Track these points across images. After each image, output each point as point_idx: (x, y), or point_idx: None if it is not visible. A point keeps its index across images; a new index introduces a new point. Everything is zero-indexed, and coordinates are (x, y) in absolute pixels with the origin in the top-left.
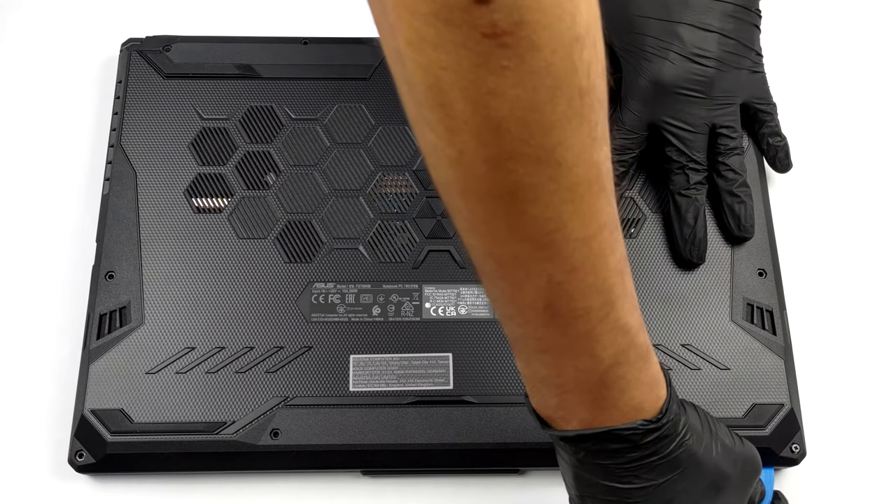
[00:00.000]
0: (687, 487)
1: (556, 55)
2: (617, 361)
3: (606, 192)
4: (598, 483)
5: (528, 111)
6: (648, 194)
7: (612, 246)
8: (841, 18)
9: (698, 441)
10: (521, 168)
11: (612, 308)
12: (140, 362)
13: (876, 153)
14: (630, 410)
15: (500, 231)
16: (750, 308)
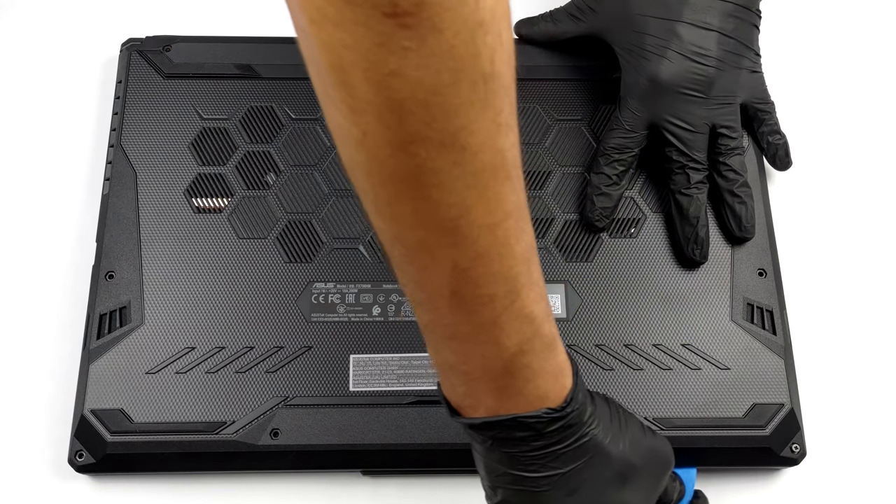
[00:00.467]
0: (592, 476)
1: (458, 38)
2: (522, 350)
3: (512, 180)
4: (506, 472)
5: (431, 94)
6: (648, 194)
7: (517, 235)
8: (839, 18)
9: (605, 431)
10: (425, 152)
11: (517, 296)
12: (140, 362)
13: (875, 153)
14: (535, 399)
15: (405, 215)
16: (750, 308)
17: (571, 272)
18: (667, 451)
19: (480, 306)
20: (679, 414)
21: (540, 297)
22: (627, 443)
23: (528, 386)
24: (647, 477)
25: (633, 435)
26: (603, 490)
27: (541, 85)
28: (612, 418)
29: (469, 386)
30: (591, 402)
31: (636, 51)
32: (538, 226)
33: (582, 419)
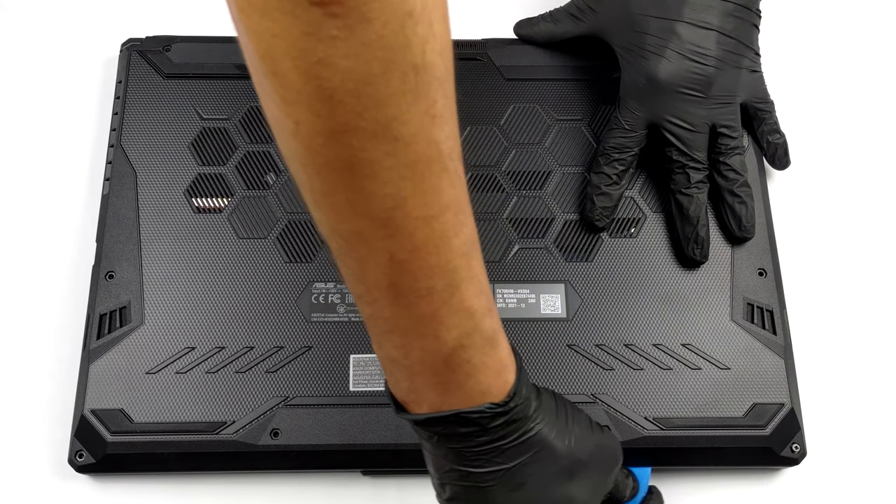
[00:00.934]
0: (538, 471)
1: (387, 28)
2: (462, 344)
3: (450, 173)
4: (452, 468)
5: (362, 84)
6: (648, 194)
7: (455, 228)
8: (840, 18)
9: (551, 427)
10: (357, 142)
11: (455, 290)
12: (140, 362)
13: (875, 153)
14: (477, 394)
15: (341, 206)
16: (750, 308)
17: (571, 272)
18: (614, 447)
19: (419, 299)
20: (679, 414)
21: (480, 292)
22: (574, 438)
23: (470, 381)
24: (594, 472)
25: (579, 430)
26: (549, 485)
27: (541, 85)
28: (558, 414)
29: (412, 381)
30: (536, 397)
31: (636, 50)
32: (538, 225)
33: (526, 414)
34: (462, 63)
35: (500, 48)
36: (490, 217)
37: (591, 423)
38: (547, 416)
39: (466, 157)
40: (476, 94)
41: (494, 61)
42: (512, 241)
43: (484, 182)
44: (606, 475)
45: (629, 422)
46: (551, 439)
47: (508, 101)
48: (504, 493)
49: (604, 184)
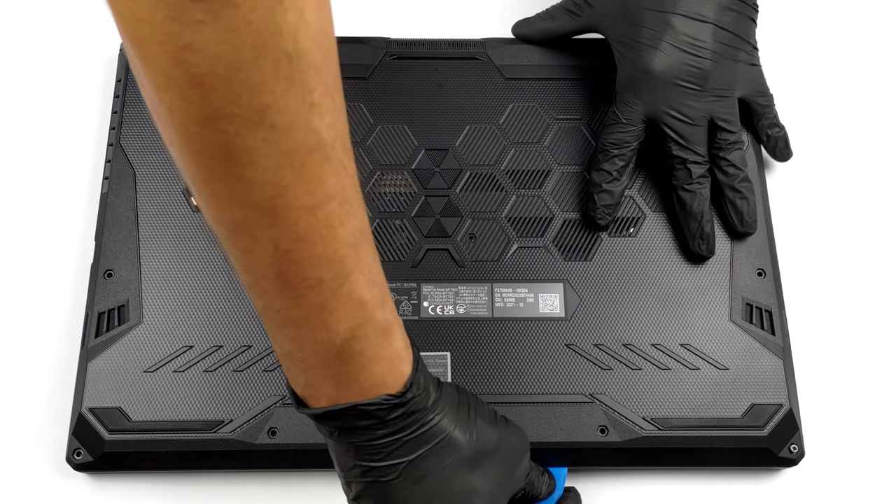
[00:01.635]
0: (439, 463)
1: (255, 14)
2: (354, 335)
3: (332, 162)
4: (355, 464)
5: (232, 70)
6: (648, 193)
7: (341, 218)
8: (839, 15)
9: (452, 419)
10: (232, 128)
11: (345, 281)
12: (138, 361)
13: (875, 153)
14: (372, 386)
15: (221, 194)
16: (749, 308)
17: (570, 271)
18: (519, 440)
19: (307, 290)
20: (677, 414)
21: (371, 283)
22: (476, 430)
23: (364, 372)
24: (499, 464)
25: (483, 423)
26: (450, 476)
27: (540, 84)
28: (460, 406)
29: (307, 375)
30: (436, 389)
31: (631, 43)
32: (537, 225)
33: (425, 405)
34: (462, 63)
35: (500, 48)
36: (489, 216)
37: (495, 416)
38: (448, 407)
39: (466, 156)
40: (475, 94)
41: (494, 61)
42: (511, 240)
43: (483, 181)
44: (512, 468)
45: (627, 422)
46: (452, 431)
47: (507, 101)
48: (407, 486)
49: (605, 181)
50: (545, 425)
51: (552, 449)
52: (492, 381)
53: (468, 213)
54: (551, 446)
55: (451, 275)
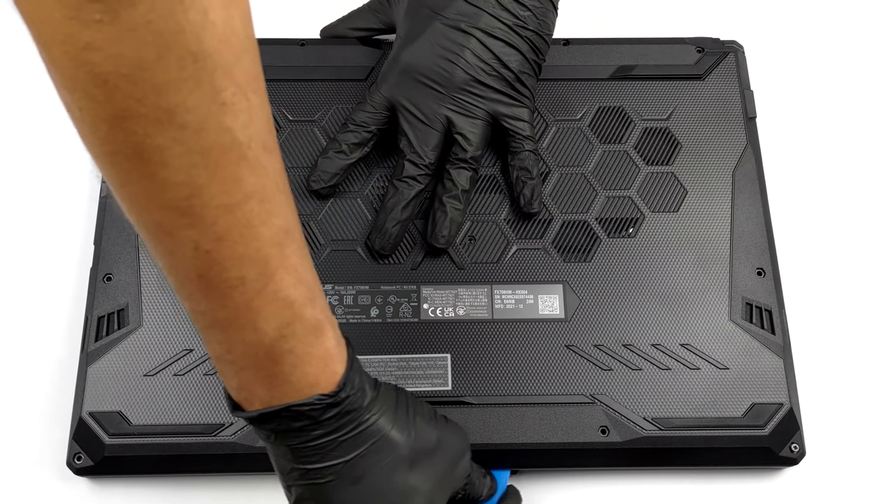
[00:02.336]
0: (377, 463)
1: (155, 13)
2: (282, 335)
3: (250, 162)
4: (293, 468)
5: (136, 69)
6: (647, 194)
7: (262, 217)
8: (840, 18)
9: (389, 418)
10: (141, 128)
11: (269, 280)
12: (138, 364)
13: (874, 153)
14: (305, 386)
15: (137, 195)
16: (749, 307)
17: (570, 272)
18: (459, 439)
19: (231, 290)
20: (678, 414)
21: (298, 282)
22: (415, 430)
23: (296, 372)
24: (438, 463)
25: (421, 422)
26: (388, 476)
27: (540, 85)
28: (398, 405)
29: (240, 377)
30: (372, 388)
31: (401, 35)
32: (536, 226)
33: (361, 405)
34: None
35: None
36: (488, 218)
37: (434, 415)
38: (385, 407)
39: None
40: None
41: None
42: (510, 241)
43: (482, 183)
44: (452, 467)
45: (628, 422)
46: (389, 430)
47: None
48: (344, 487)
49: (332, 149)
50: (546, 426)
51: (553, 450)
52: (492, 383)
53: (467, 216)
54: (552, 447)
55: (451, 277)
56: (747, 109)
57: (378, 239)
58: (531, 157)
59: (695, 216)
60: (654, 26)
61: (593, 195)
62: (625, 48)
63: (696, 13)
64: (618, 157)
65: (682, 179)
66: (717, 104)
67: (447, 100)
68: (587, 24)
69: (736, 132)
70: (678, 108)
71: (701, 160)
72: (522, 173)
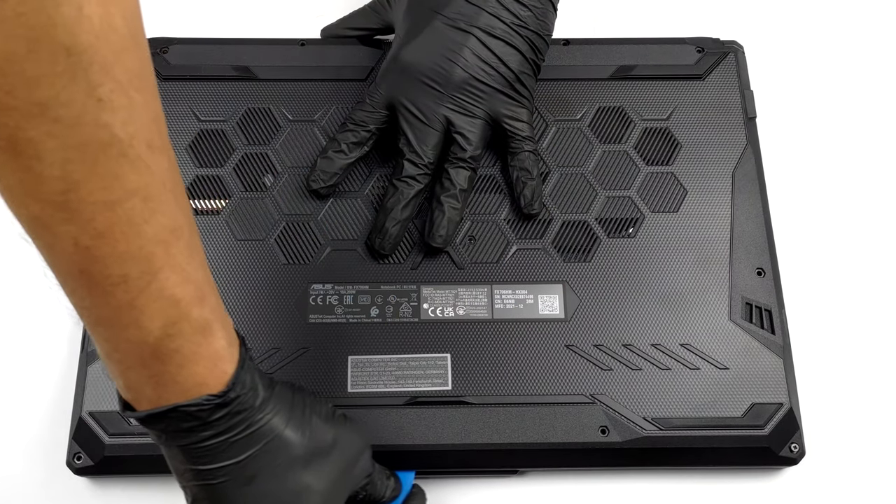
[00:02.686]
0: (270, 463)
1: (26, 6)
2: (168, 334)
3: (130, 159)
4: (187, 469)
5: (6, 62)
6: (647, 194)
7: (145, 215)
8: (839, 17)
9: (283, 418)
10: (13, 121)
11: (153, 278)
12: None
13: (874, 153)
14: (192, 386)
15: (14, 189)
16: (749, 307)
17: (569, 272)
18: (358, 438)
19: (114, 287)
20: (678, 414)
21: (185, 281)
22: (310, 429)
23: (183, 372)
24: (335, 462)
25: (318, 421)
26: (282, 476)
27: (539, 85)
28: (293, 405)
29: (126, 376)
30: (266, 388)
31: (400, 35)
32: (536, 226)
33: (252, 405)
34: None
35: None
36: (488, 218)
37: (333, 414)
38: (279, 406)
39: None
40: None
41: None
42: (510, 241)
43: (482, 183)
44: (349, 466)
45: (628, 422)
46: (283, 430)
47: None
48: (237, 488)
49: (332, 149)
50: (546, 426)
51: (553, 450)
52: (492, 383)
53: (467, 216)
54: (552, 447)
55: (451, 277)
56: (747, 109)
57: (378, 239)
58: (531, 157)
59: (695, 216)
60: (654, 26)
61: (593, 195)
62: (625, 48)
63: (696, 13)
64: (618, 157)
65: (682, 179)
66: (717, 104)
67: (446, 99)
68: (587, 24)
69: (736, 132)
70: (678, 108)
71: (701, 160)
72: (522, 174)
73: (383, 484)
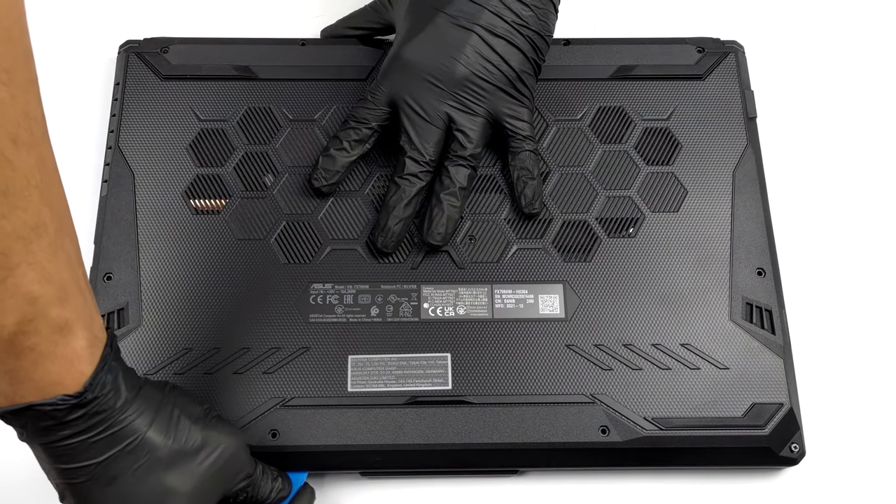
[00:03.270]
0: (131, 464)
1: None
2: (23, 331)
3: None
4: (51, 466)
5: None
6: (647, 194)
7: (3, 210)
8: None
9: (146, 419)
10: None
11: (9, 274)
12: (137, 363)
13: (874, 153)
14: (48, 385)
15: None
16: (749, 307)
17: (570, 272)
18: (231, 440)
19: None
20: (678, 414)
21: (45, 280)
22: (177, 430)
23: (38, 370)
24: (202, 464)
25: (187, 423)
26: (142, 477)
27: (540, 85)
28: (161, 406)
29: None
30: (130, 389)
31: (402, 33)
32: (536, 226)
33: (113, 406)
34: None
35: None
36: (488, 217)
37: (204, 416)
38: (144, 408)
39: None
40: None
41: None
42: (510, 241)
43: (482, 182)
44: (220, 468)
45: (628, 422)
46: (146, 432)
47: None
48: (99, 489)
49: (334, 147)
50: (546, 426)
51: (553, 450)
52: (492, 382)
53: (468, 215)
54: (552, 447)
55: (451, 276)
56: (747, 109)
57: (380, 237)
58: (532, 157)
59: (695, 216)
60: (654, 26)
61: (593, 195)
62: (625, 48)
63: (696, 13)
64: (618, 157)
65: (682, 179)
66: (717, 104)
67: (448, 96)
68: (587, 24)
69: (736, 132)
70: (678, 108)
71: (701, 160)
72: (523, 173)
73: (268, 485)
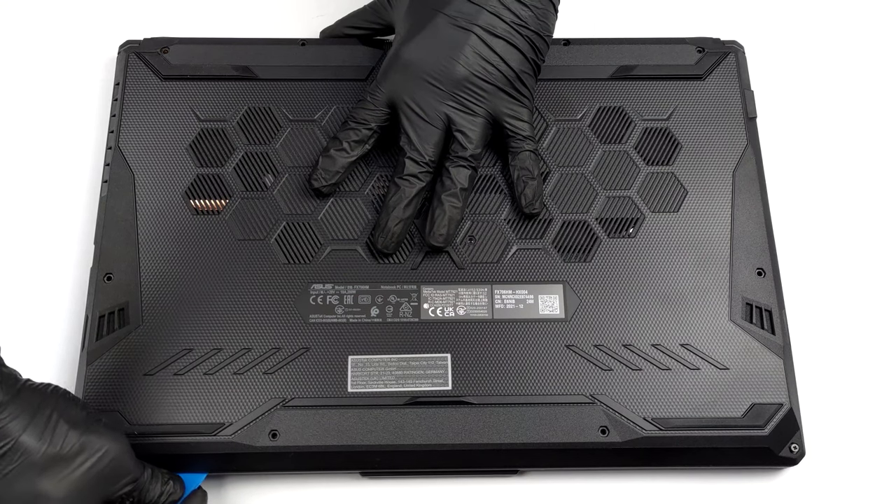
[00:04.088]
0: (3, 468)
1: None
2: None
3: None
4: None
5: None
6: (647, 194)
7: None
8: (839, 19)
9: (21, 423)
10: None
11: None
12: (138, 364)
13: (874, 153)
14: None
15: None
16: (749, 308)
17: (570, 272)
18: (112, 444)
19: None
20: (678, 414)
21: None
22: (53, 435)
23: None
24: (78, 469)
25: (66, 427)
26: (13, 482)
27: (540, 85)
28: (39, 410)
29: None
30: (5, 393)
31: (401, 34)
32: (536, 226)
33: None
34: None
35: None
36: (488, 218)
37: (86, 420)
38: (19, 411)
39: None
40: None
41: None
42: (510, 241)
43: (482, 183)
44: (99, 472)
45: (628, 422)
46: (20, 435)
47: None
48: None
49: (333, 147)
50: (546, 426)
51: (553, 450)
52: (492, 383)
53: (468, 216)
54: (552, 447)
55: (451, 277)
56: (747, 109)
57: (381, 238)
58: (532, 157)
59: (695, 216)
60: (654, 26)
61: (593, 195)
62: (625, 48)
63: (696, 13)
64: (618, 157)
65: (682, 179)
66: (717, 104)
67: (447, 97)
68: (587, 24)
69: (736, 132)
70: (678, 109)
71: (701, 160)
72: (523, 173)
73: (157, 489)
